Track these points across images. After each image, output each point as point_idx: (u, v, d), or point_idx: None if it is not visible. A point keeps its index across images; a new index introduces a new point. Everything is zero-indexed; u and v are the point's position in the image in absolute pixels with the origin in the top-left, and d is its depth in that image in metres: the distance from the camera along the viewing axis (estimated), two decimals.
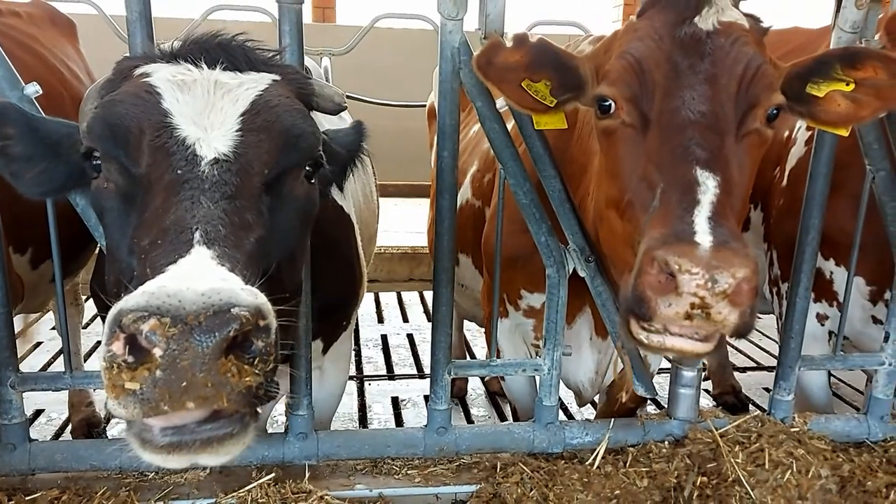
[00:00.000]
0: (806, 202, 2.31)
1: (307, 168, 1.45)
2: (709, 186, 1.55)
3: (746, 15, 1.80)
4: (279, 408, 3.40)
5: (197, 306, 1.02)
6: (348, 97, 7.74)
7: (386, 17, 6.43)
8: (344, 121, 2.77)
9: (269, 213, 1.34)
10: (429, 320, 5.35)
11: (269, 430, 2.83)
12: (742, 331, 1.48)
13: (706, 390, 4.35)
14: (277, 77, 1.50)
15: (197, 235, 1.17)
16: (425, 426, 2.35)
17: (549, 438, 2.37)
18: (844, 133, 1.89)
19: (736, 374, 4.44)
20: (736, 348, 4.94)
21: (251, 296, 1.06)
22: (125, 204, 1.33)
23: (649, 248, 1.47)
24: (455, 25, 2.07)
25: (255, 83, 1.43)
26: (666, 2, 1.79)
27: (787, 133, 2.83)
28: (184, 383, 1.01)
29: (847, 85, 1.80)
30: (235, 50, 1.48)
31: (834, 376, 4.40)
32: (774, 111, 1.73)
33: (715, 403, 4.22)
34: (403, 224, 6.81)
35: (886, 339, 2.42)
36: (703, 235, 1.46)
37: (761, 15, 1.85)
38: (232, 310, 1.02)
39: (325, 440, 2.28)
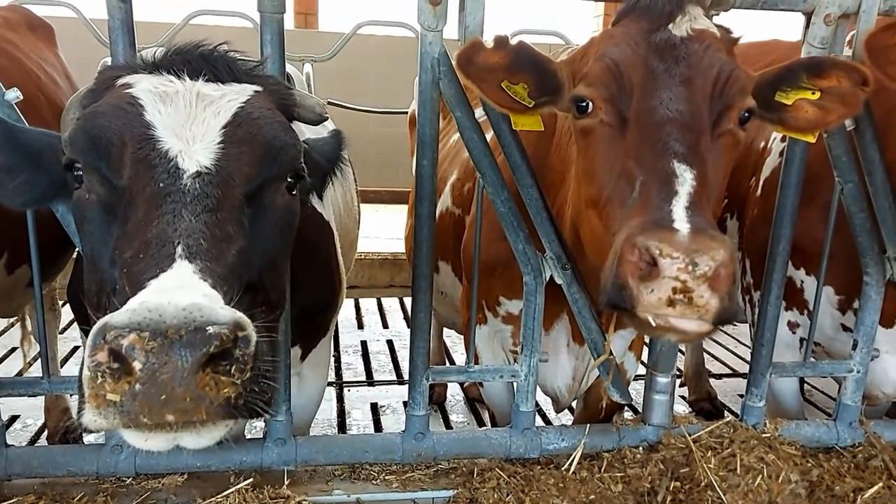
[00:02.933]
0: (777, 212, 2.37)
1: (288, 179, 1.47)
2: (686, 178, 1.59)
3: (717, 26, 1.86)
4: None
5: (178, 321, 1.03)
6: (330, 104, 7.74)
7: (368, 25, 6.46)
8: (326, 128, 2.79)
9: (251, 224, 1.35)
10: (409, 326, 5.37)
11: (248, 436, 2.82)
12: (724, 317, 1.48)
13: (682, 396, 4.42)
14: (259, 88, 1.52)
15: (179, 249, 1.18)
16: (403, 432, 2.37)
17: (525, 444, 2.40)
18: (812, 139, 1.95)
19: (711, 380, 4.50)
20: (711, 355, 5.01)
21: (230, 311, 1.08)
22: (107, 215, 1.33)
23: (629, 235, 1.50)
24: (435, 37, 2.10)
25: (237, 94, 1.45)
26: (640, 10, 1.84)
27: (762, 143, 2.89)
28: (163, 396, 1.03)
29: (813, 93, 1.86)
30: (218, 61, 1.49)
31: (807, 383, 4.48)
32: (746, 114, 1.78)
33: (691, 410, 4.28)
34: (384, 230, 6.84)
35: (855, 346, 2.48)
36: (682, 223, 1.50)
37: (737, 28, 1.91)
38: (211, 327, 1.04)
39: (303, 445, 2.29)
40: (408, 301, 5.37)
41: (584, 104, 1.79)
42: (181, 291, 1.09)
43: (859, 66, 1.86)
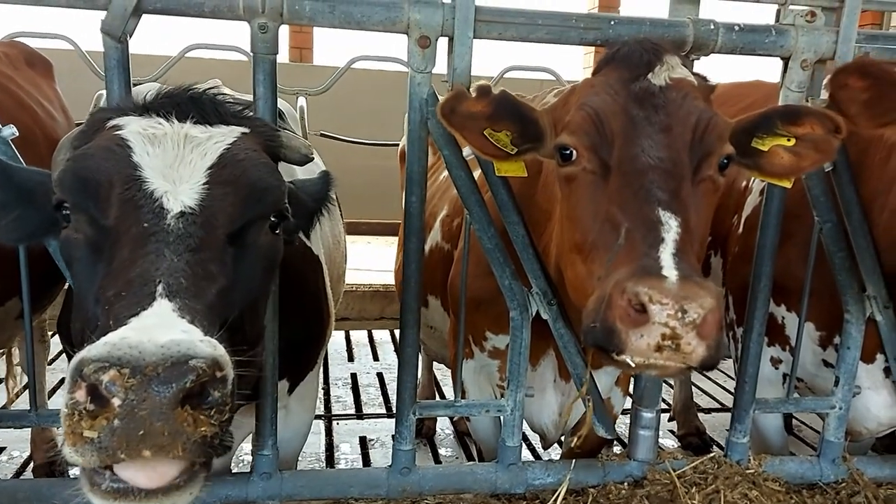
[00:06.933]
0: (758, 251, 2.41)
1: (272, 219, 1.50)
2: (671, 225, 1.63)
3: (694, 74, 1.92)
4: (245, 447, 3.39)
5: (156, 357, 1.05)
6: (323, 135, 7.80)
7: (362, 59, 6.55)
8: (318, 165, 2.83)
9: (233, 263, 1.38)
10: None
11: (234, 469, 2.82)
12: (708, 363, 1.52)
13: (672, 431, 4.42)
14: (246, 130, 1.56)
15: (160, 288, 1.21)
16: (389, 466, 2.38)
17: (511, 479, 2.40)
18: (788, 185, 2.00)
19: (700, 415, 4.51)
20: (701, 389, 5.03)
21: (210, 347, 1.10)
22: (93, 254, 1.36)
23: (619, 281, 1.52)
24: (423, 78, 2.16)
25: (223, 136, 1.49)
26: (620, 60, 1.90)
27: (744, 183, 2.95)
28: (141, 432, 1.05)
29: (788, 140, 1.92)
30: (206, 104, 1.54)
31: (796, 418, 4.49)
32: (725, 160, 1.83)
33: (680, 444, 4.29)
34: (376, 262, 6.86)
35: (836, 383, 2.51)
36: (670, 270, 1.52)
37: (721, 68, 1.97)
38: (190, 361, 1.06)
39: (289, 480, 2.30)
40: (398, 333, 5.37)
41: (567, 152, 1.83)
42: (160, 329, 1.11)
43: (832, 115, 1.92)
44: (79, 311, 1.39)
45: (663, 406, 4.68)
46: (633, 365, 1.52)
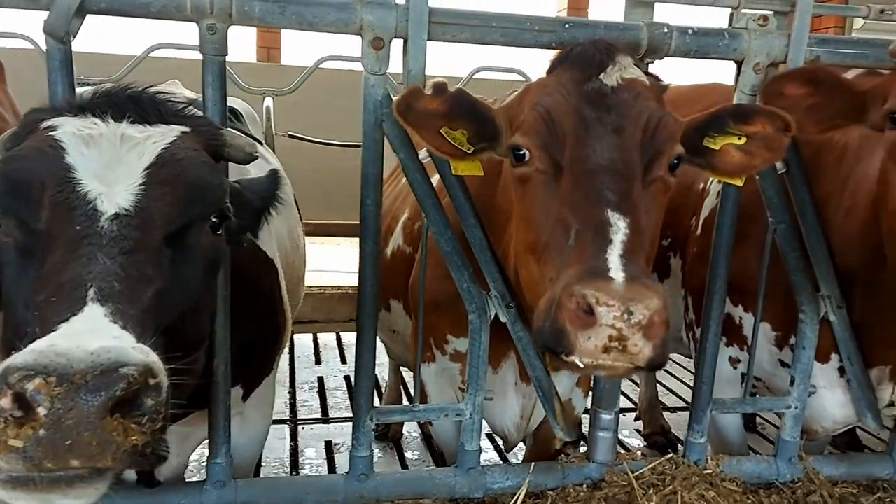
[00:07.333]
0: (714, 251, 2.43)
1: (213, 219, 1.47)
2: (620, 227, 1.64)
3: (647, 74, 1.93)
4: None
5: (85, 365, 1.02)
6: (292, 136, 7.69)
7: (331, 59, 6.51)
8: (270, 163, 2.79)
9: (171, 266, 1.35)
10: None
11: (188, 478, 2.78)
12: (655, 363, 1.54)
13: (637, 430, 4.44)
14: (187, 129, 1.53)
15: (91, 292, 1.18)
16: (347, 473, 2.35)
17: (470, 483, 2.39)
18: (739, 183, 2.02)
19: (666, 413, 4.54)
20: (667, 388, 5.06)
21: (142, 354, 1.08)
22: (24, 259, 1.32)
23: (567, 283, 1.54)
24: (377, 80, 2.14)
25: (162, 136, 1.46)
26: (572, 60, 1.91)
27: (702, 184, 2.97)
28: (68, 442, 1.02)
29: (739, 139, 1.94)
30: (145, 102, 1.51)
31: (759, 416, 4.54)
32: (676, 161, 1.85)
33: (646, 443, 4.31)
34: (345, 264, 6.81)
35: (792, 382, 2.53)
36: (617, 272, 1.54)
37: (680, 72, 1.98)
38: (120, 369, 1.03)
39: (243, 488, 2.26)
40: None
41: (521, 153, 1.84)
42: (90, 335, 1.08)
43: (783, 113, 1.94)
44: (7, 319, 1.35)
45: (629, 405, 4.72)
46: (582, 366, 1.54)
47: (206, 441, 2.23)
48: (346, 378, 5.07)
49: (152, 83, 1.68)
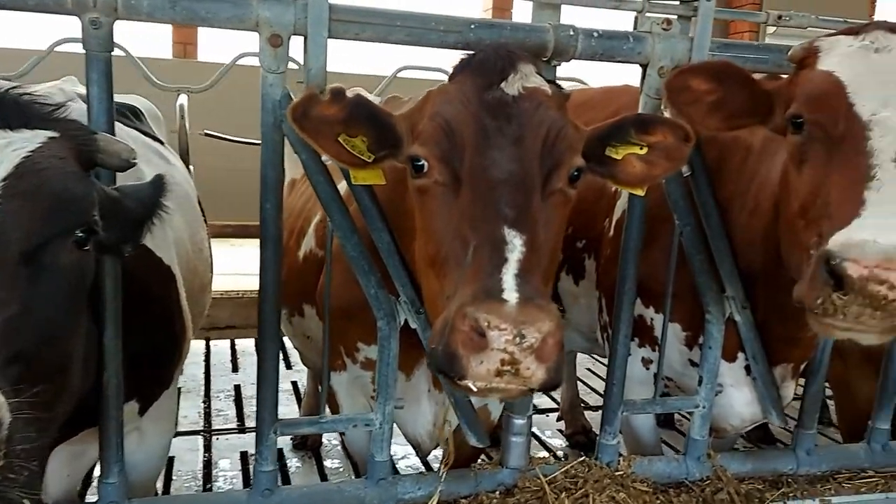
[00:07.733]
0: (622, 253, 2.44)
1: (78, 234, 1.36)
2: (516, 245, 1.61)
3: (549, 82, 1.90)
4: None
5: None
6: (208, 135, 7.44)
7: (249, 56, 6.32)
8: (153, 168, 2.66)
9: (28, 286, 1.24)
10: (288, 367, 5.21)
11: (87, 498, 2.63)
12: (549, 385, 1.54)
13: (560, 430, 4.47)
14: (55, 134, 1.41)
15: None
16: (250, 489, 2.25)
17: (380, 495, 2.33)
18: (641, 193, 2.03)
19: (588, 413, 4.58)
20: (589, 387, 5.12)
21: None
22: None
23: (461, 305, 1.51)
24: (276, 79, 2.06)
25: (25, 142, 1.34)
26: (474, 68, 1.86)
27: (614, 187, 2.98)
28: None
29: (641, 148, 1.94)
30: (8, 105, 1.38)
31: (680, 413, 4.63)
32: (576, 172, 1.82)
33: (568, 443, 4.34)
34: None
35: (700, 382, 2.56)
36: (511, 293, 1.51)
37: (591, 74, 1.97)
38: None
39: None
40: (288, 341, 5.24)
41: (420, 163, 1.79)
42: None
43: (683, 124, 1.96)
44: None
45: (552, 406, 4.75)
46: (475, 389, 1.52)
47: None
48: None
49: (40, 81, 1.55)
